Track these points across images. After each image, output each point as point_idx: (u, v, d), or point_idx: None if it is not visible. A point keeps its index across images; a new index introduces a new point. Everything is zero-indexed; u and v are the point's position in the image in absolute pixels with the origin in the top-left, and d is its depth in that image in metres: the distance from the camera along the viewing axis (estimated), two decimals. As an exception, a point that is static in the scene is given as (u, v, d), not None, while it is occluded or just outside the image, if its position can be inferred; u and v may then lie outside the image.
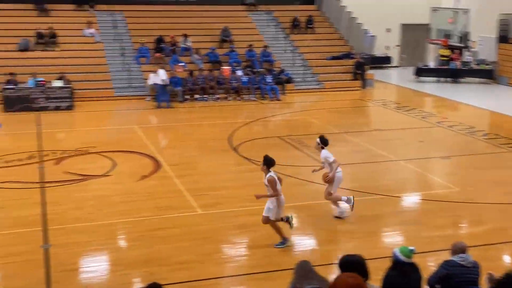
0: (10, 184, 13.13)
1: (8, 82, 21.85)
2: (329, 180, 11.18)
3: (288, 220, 10.23)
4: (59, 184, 13.22)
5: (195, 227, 10.89)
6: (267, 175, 9.76)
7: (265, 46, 27.66)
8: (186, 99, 23.73)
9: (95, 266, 9.38)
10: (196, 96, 24.18)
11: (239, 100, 24.31)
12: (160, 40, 26.66)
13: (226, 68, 25.53)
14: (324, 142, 11.29)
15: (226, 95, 24.47)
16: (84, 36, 26.71)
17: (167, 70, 23.94)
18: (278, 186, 9.81)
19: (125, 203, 12.08)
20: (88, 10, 28.44)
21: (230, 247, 10.18)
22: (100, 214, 11.49)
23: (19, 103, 21.39)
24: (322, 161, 11.31)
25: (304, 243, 10.46)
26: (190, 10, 29.89)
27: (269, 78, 24.99)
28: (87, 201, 12.20)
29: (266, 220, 9.99)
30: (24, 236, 10.35)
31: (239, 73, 25.33)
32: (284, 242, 10.02)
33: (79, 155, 15.64)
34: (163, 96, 22.83)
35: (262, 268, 9.36)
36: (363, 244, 10.14)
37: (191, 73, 24.44)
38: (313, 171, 11.78)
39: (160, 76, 23.00)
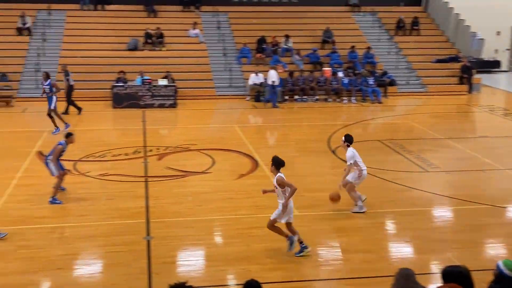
0: (118, 177, 13.74)
1: (118, 80, 22.91)
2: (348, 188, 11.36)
3: (290, 240, 9.70)
4: (161, 179, 13.67)
5: (292, 227, 10.86)
6: (276, 176, 9.52)
7: (368, 48, 27.20)
8: (285, 100, 23.81)
9: (193, 260, 9.61)
10: (296, 96, 24.20)
11: (339, 102, 24.07)
12: (262, 40, 26.94)
13: (327, 69, 25.35)
14: (349, 141, 11.30)
15: (326, 97, 24.32)
16: (189, 36, 27.50)
17: (279, 71, 23.95)
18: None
19: (223, 200, 12.28)
20: (193, 11, 29.28)
21: (327, 250, 10.07)
22: (199, 209, 11.75)
23: (126, 100, 22.38)
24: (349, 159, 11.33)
25: (402, 251, 10.15)
26: (293, 11, 29.97)
27: (371, 80, 24.55)
28: (187, 197, 12.52)
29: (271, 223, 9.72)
30: (129, 227, 10.79)
31: (340, 74, 25.08)
32: (292, 241, 9.63)
33: (181, 152, 16.09)
34: (271, 96, 22.96)
35: (359, 273, 9.18)
36: (463, 254, 9.70)
37: (291, 73, 24.49)
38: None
39: (271, 77, 23.02)
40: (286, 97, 23.95)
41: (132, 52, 26.17)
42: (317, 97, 24.25)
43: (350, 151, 11.33)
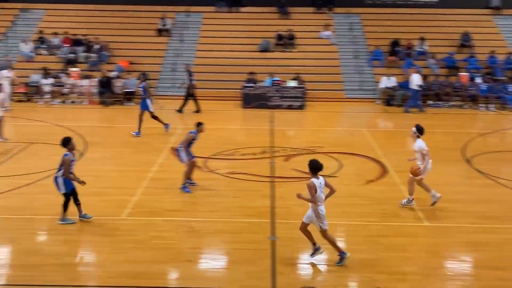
0: (245, 176, 14.00)
1: (248, 80, 23.39)
2: (420, 173, 11.26)
3: (316, 248, 9.37)
4: (287, 180, 13.72)
5: (421, 238, 10.45)
6: (310, 180, 9.09)
7: (510, 53, 25.56)
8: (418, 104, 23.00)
9: (317, 264, 9.51)
10: (429, 101, 23.30)
11: (476, 109, 22.84)
12: (395, 43, 26.25)
13: (464, 75, 24.18)
14: (420, 131, 11.52)
15: (461, 103, 23.20)
16: (320, 38, 27.45)
17: (421, 74, 23.22)
18: (319, 193, 9.05)
19: (350, 205, 12.07)
20: (326, 13, 29.18)
21: (457, 264, 9.56)
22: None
23: (256, 100, 22.79)
24: (416, 151, 11.41)
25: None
26: (429, 14, 28.92)
27: (511, 87, 23.05)
28: (313, 199, 12.43)
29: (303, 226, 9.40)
30: (254, 226, 10.94)
31: (478, 80, 23.78)
32: (342, 256, 9.19)
33: (307, 154, 16.06)
34: (414, 101, 22.31)
35: (492, 292, 8.62)
36: None
37: (425, 77, 23.59)
38: (409, 159, 12.03)
39: (415, 81, 22.32)
40: (419, 102, 23.13)
41: (263, 53, 26.61)
42: (452, 103, 23.19)
43: (420, 141, 11.44)
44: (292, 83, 23.22)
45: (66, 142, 10.73)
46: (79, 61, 25.70)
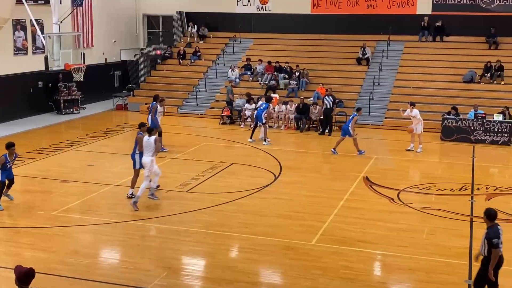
0: (441, 212, 13.28)
1: (449, 112, 22.32)
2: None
3: None
4: (489, 221, 12.68)
5: None
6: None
7: None
8: None
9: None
10: None
11: None
12: None
13: None
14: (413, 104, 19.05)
15: None
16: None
17: None
18: None
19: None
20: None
21: None
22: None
23: (457, 133, 21.62)
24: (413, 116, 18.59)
25: None
26: None
27: None
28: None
29: None
30: (449, 267, 10.28)
31: None
32: None
33: (511, 194, 14.79)
34: None
35: None
36: None
37: None
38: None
39: None
40: None
41: (467, 85, 25.25)
42: None
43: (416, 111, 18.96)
44: (498, 117, 21.64)
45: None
46: (279, 87, 26.73)
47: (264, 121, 20.50)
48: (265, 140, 20.29)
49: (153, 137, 13.56)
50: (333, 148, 18.98)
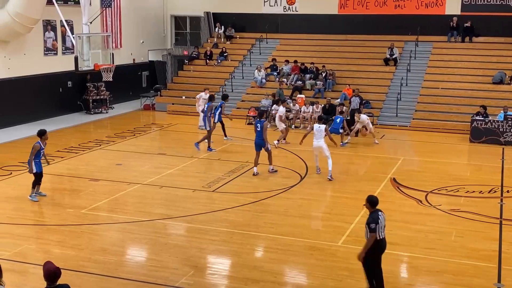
0: (470, 214, 13.12)
1: (478, 113, 22.03)
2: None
3: None
4: (519, 224, 12.52)
5: None
6: None
7: None
8: None
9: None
10: None
11: None
12: None
13: None
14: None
15: None
16: None
17: None
18: None
19: None
20: None
21: None
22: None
23: (486, 135, 21.32)
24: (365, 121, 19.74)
25: None
26: None
27: None
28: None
29: None
30: (478, 270, 10.15)
31: None
32: None
33: (545, 197, 14.53)
34: None
35: None
36: None
37: None
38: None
39: None
40: None
41: (497, 86, 24.89)
42: None
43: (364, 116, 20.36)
44: (532, 119, 21.27)
45: (41, 134, 13.92)
46: (306, 88, 26.67)
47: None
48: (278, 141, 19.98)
49: (323, 126, 16.14)
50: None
